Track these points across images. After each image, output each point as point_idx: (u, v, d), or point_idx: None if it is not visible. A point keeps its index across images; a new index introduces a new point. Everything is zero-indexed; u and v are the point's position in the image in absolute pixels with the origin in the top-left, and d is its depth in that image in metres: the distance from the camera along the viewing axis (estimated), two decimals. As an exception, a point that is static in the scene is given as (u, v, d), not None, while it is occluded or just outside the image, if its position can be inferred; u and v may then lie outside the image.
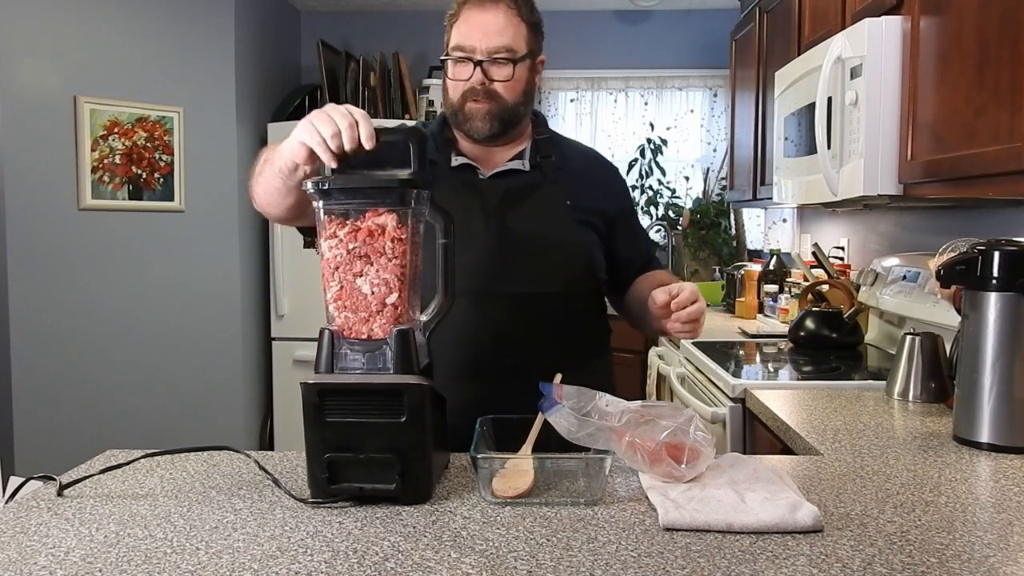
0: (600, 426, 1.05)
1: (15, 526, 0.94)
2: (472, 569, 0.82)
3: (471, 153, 1.47)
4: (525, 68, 1.40)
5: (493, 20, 1.36)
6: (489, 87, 1.37)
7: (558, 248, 1.42)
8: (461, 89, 1.39)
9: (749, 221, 4.29)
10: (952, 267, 1.32)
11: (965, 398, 1.33)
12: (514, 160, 1.46)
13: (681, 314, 1.29)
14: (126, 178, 3.46)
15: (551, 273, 1.41)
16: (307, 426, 1.01)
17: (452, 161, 1.45)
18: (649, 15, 4.49)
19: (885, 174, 1.84)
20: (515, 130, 1.45)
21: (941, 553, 0.86)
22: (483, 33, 1.35)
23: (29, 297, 3.19)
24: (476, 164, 1.46)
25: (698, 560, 0.84)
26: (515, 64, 1.37)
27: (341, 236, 1.00)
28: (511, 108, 1.40)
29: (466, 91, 1.38)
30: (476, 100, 1.38)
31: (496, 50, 1.36)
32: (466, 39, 1.36)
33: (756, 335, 2.69)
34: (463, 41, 1.37)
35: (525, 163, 1.46)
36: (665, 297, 1.29)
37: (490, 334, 1.37)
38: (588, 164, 1.56)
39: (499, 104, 1.38)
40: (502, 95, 1.38)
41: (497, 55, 1.36)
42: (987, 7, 1.49)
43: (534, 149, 1.47)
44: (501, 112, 1.39)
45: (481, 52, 1.36)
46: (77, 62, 3.30)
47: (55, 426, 3.23)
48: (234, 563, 0.83)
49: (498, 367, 1.37)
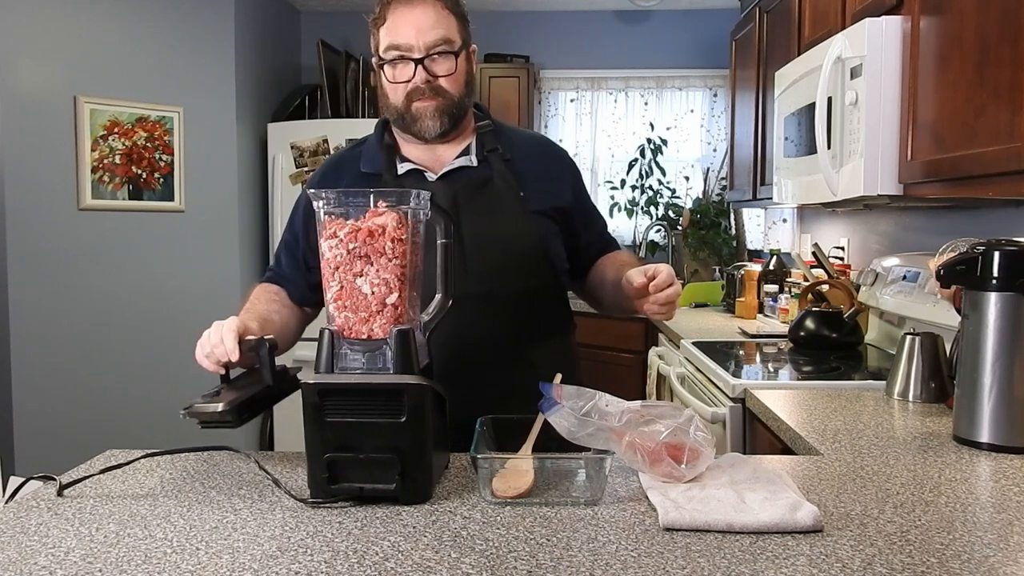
0: (600, 426, 1.05)
1: (15, 526, 0.94)
2: (472, 569, 0.82)
3: (416, 157, 1.44)
4: (464, 59, 1.38)
5: (423, 16, 1.34)
6: (434, 83, 1.35)
7: (515, 244, 1.40)
8: (404, 90, 1.36)
9: (749, 221, 4.29)
10: (952, 267, 1.32)
11: (965, 398, 1.33)
12: (460, 157, 1.43)
13: (659, 296, 1.26)
14: (126, 178, 3.46)
15: (510, 270, 1.39)
16: (307, 426, 1.01)
17: (398, 169, 1.43)
18: (649, 15, 4.49)
19: (885, 174, 1.84)
20: (462, 123, 1.43)
21: (941, 553, 0.86)
22: (417, 30, 1.33)
23: (29, 297, 3.19)
24: (423, 167, 1.43)
25: (698, 560, 0.84)
26: (456, 56, 1.35)
27: (341, 236, 1.00)
28: (458, 101, 1.38)
29: (410, 91, 1.36)
30: (422, 98, 1.36)
31: (435, 44, 1.34)
32: (400, 38, 1.34)
33: (756, 335, 2.69)
34: (397, 40, 1.34)
35: (472, 158, 1.43)
36: (642, 279, 1.26)
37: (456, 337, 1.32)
38: (537, 152, 1.52)
39: (446, 99, 1.36)
40: (447, 89, 1.36)
41: (436, 50, 1.34)
42: (987, 7, 1.49)
43: (479, 143, 1.45)
44: (449, 107, 1.37)
45: (419, 49, 1.33)
46: (77, 62, 3.30)
47: (55, 426, 3.23)
48: (234, 563, 0.83)
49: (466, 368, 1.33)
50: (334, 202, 1.02)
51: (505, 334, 1.40)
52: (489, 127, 1.48)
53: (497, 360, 1.38)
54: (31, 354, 3.20)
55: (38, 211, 3.20)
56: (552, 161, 1.53)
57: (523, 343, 1.41)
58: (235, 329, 1.16)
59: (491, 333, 1.38)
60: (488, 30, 4.30)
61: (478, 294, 1.35)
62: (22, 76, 3.15)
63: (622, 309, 1.43)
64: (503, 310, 1.39)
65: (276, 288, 1.48)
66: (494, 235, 1.38)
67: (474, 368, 1.34)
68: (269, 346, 1.14)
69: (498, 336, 1.39)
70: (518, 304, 1.41)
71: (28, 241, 3.17)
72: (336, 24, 4.49)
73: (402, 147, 1.46)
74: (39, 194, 3.21)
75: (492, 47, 4.36)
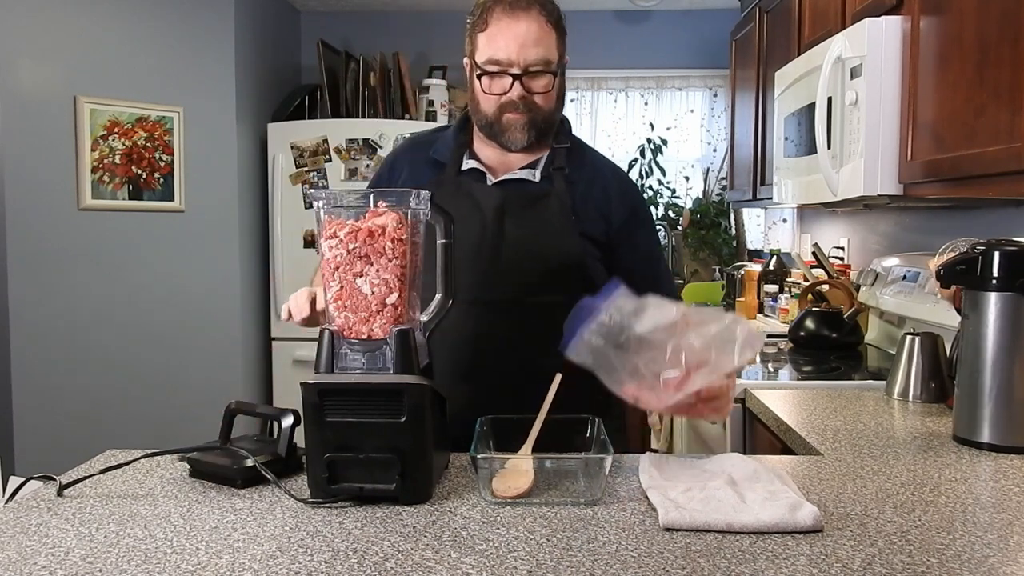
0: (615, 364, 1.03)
1: (15, 526, 0.94)
2: (472, 569, 0.82)
3: (485, 157, 1.44)
4: (561, 76, 1.39)
5: (527, 31, 1.32)
6: (528, 99, 1.35)
7: (555, 257, 1.38)
8: (497, 102, 1.36)
9: (749, 221, 4.29)
10: (952, 267, 1.32)
11: (965, 398, 1.33)
12: (525, 169, 1.43)
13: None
14: (126, 178, 3.45)
15: (544, 282, 1.39)
16: (307, 426, 1.01)
17: (463, 164, 1.43)
18: (649, 15, 4.49)
19: (885, 174, 1.84)
20: (547, 139, 1.43)
21: (941, 553, 0.86)
22: (519, 45, 1.32)
23: (29, 297, 3.19)
24: (487, 169, 1.43)
25: (698, 560, 0.84)
26: (554, 75, 1.35)
27: (341, 236, 1.00)
28: (548, 116, 1.38)
29: (504, 103, 1.35)
30: (515, 112, 1.35)
31: (534, 63, 1.33)
32: (501, 52, 1.32)
33: (756, 335, 2.68)
34: (498, 54, 1.33)
35: (536, 173, 1.42)
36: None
37: (478, 339, 1.35)
38: (603, 177, 1.49)
39: (538, 114, 1.36)
40: (540, 105, 1.36)
41: (536, 67, 1.33)
42: (987, 7, 1.49)
43: (549, 160, 1.44)
44: (538, 122, 1.37)
45: (518, 65, 1.32)
46: (77, 62, 3.30)
47: (55, 426, 3.23)
48: (234, 563, 0.83)
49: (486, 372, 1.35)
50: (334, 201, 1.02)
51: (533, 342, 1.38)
52: (565, 144, 1.47)
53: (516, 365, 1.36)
54: (31, 354, 3.20)
55: (38, 211, 3.20)
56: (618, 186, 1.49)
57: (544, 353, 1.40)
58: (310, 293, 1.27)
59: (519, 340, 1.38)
60: (488, 30, 4.28)
61: (511, 300, 1.36)
62: (22, 76, 3.15)
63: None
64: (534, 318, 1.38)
65: None
66: (535, 245, 1.38)
67: (492, 370, 1.35)
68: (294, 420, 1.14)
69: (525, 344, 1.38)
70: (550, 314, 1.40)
71: (28, 241, 3.17)
72: (336, 24, 4.49)
73: (476, 145, 1.46)
74: (39, 194, 3.21)
75: (492, 47, 4.35)
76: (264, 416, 1.18)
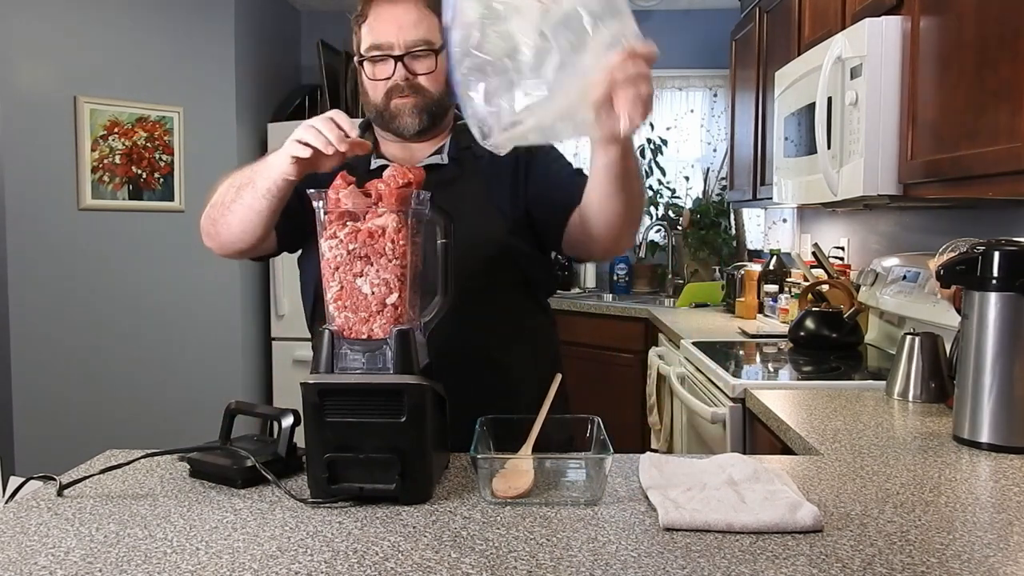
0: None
1: (15, 526, 0.94)
2: (472, 569, 0.82)
3: (392, 154, 1.44)
4: (444, 58, 1.35)
5: (406, 14, 1.34)
6: (413, 81, 1.35)
7: (476, 241, 1.35)
8: (384, 88, 1.36)
9: (749, 221, 4.29)
10: (952, 267, 1.32)
11: (965, 398, 1.33)
12: (433, 156, 1.42)
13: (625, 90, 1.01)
14: (126, 178, 3.46)
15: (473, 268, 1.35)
16: (307, 426, 1.01)
17: (371, 164, 1.42)
18: (649, 15, 4.49)
19: (885, 174, 1.84)
20: (442, 122, 1.42)
21: (941, 553, 0.86)
22: (398, 27, 1.33)
23: (29, 297, 3.19)
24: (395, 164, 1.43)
25: (698, 560, 0.84)
26: (436, 55, 1.35)
27: (341, 237, 1.00)
28: (437, 100, 1.37)
29: (390, 88, 1.36)
30: (402, 96, 1.35)
31: (415, 43, 1.33)
32: (381, 36, 1.34)
33: (756, 335, 2.69)
34: (379, 39, 1.34)
35: (444, 156, 1.42)
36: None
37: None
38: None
39: (425, 97, 1.36)
40: (427, 88, 1.36)
41: (416, 48, 1.33)
42: (987, 7, 1.49)
43: (454, 141, 1.44)
44: (428, 105, 1.36)
45: (399, 47, 1.33)
46: (77, 62, 3.30)
47: (55, 426, 3.23)
48: (234, 563, 0.83)
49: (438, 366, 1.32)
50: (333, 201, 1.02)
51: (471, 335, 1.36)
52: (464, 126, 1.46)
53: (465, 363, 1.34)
54: (31, 354, 3.20)
55: (38, 211, 3.20)
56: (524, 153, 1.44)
57: (491, 344, 1.39)
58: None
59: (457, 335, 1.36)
60: (488, 30, 4.28)
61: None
62: (22, 76, 3.15)
63: (608, 193, 1.21)
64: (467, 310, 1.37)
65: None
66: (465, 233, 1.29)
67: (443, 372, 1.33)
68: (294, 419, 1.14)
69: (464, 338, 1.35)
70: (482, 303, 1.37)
71: (28, 241, 3.17)
72: (336, 24, 4.49)
73: (381, 145, 1.45)
74: (39, 194, 3.21)
75: (492, 47, 4.35)
76: (264, 416, 1.18)
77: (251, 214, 1.23)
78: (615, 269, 4.43)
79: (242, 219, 1.25)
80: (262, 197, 1.20)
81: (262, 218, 1.23)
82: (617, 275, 4.43)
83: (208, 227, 1.32)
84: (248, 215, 1.23)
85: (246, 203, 1.22)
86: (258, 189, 1.20)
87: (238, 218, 1.25)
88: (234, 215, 1.25)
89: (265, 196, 1.20)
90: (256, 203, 1.21)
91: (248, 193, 1.22)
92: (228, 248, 1.33)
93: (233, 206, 1.25)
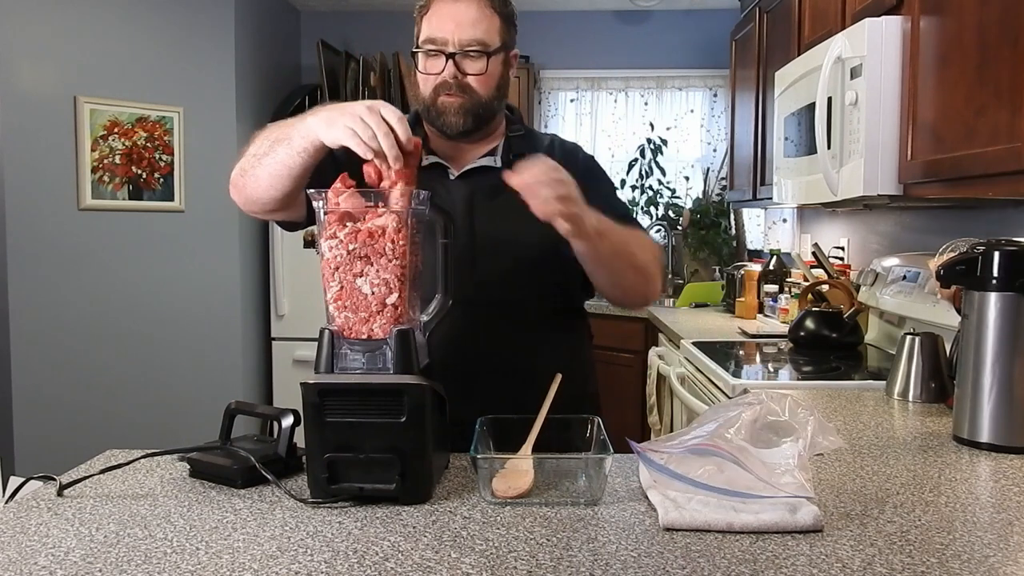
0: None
1: (15, 526, 0.94)
2: (472, 569, 0.82)
3: (442, 151, 1.43)
4: (499, 62, 1.37)
5: (466, 12, 1.33)
6: (462, 81, 1.34)
7: (528, 250, 1.37)
8: (433, 83, 1.35)
9: (749, 221, 4.29)
10: (952, 267, 1.32)
11: (965, 398, 1.33)
12: (485, 157, 1.42)
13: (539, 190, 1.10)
14: (126, 178, 3.46)
15: (521, 275, 1.38)
16: (307, 426, 1.01)
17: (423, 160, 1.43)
18: (649, 15, 4.49)
19: (885, 174, 1.84)
20: (488, 126, 1.41)
21: (941, 553, 0.86)
22: (455, 25, 1.32)
23: (29, 297, 3.19)
24: (447, 163, 1.42)
25: (698, 560, 0.84)
26: (488, 57, 1.34)
27: (341, 237, 1.00)
28: (484, 103, 1.36)
29: (438, 85, 1.35)
30: (449, 94, 1.34)
31: (469, 43, 1.32)
32: (437, 31, 1.33)
33: (756, 335, 2.69)
34: (434, 33, 1.33)
35: (497, 159, 1.42)
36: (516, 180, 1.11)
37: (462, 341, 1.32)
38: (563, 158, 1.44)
39: (472, 98, 1.35)
40: (475, 89, 1.35)
41: (470, 48, 1.33)
42: (987, 7, 1.49)
43: (507, 146, 1.43)
44: (474, 107, 1.35)
45: (453, 45, 1.32)
46: (77, 62, 3.30)
47: (55, 426, 3.23)
48: (234, 563, 0.83)
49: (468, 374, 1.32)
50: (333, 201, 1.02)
51: (512, 341, 1.38)
52: (520, 131, 1.46)
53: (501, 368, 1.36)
54: (31, 354, 3.20)
55: (38, 211, 3.20)
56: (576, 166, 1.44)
57: (530, 352, 1.39)
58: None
59: (497, 339, 1.37)
60: (488, 30, 4.28)
61: (486, 298, 1.34)
62: (22, 76, 3.15)
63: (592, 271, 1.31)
64: (511, 316, 1.38)
65: None
66: (507, 238, 1.36)
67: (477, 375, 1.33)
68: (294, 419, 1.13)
69: (504, 343, 1.37)
70: (527, 311, 1.39)
71: (28, 241, 3.17)
72: (336, 24, 4.49)
73: (432, 140, 1.44)
74: (39, 194, 3.21)
75: (492, 47, 4.36)
76: (264, 416, 1.18)
77: (282, 169, 1.20)
78: (615, 269, 4.42)
79: (271, 173, 1.22)
80: (297, 154, 1.17)
81: (292, 175, 1.20)
82: (617, 275, 4.42)
83: (237, 178, 1.30)
84: (280, 170, 1.21)
85: (279, 158, 1.20)
86: (294, 146, 1.17)
87: (267, 172, 1.23)
88: (264, 168, 1.23)
89: (300, 154, 1.17)
90: (289, 159, 1.19)
91: (283, 148, 1.19)
92: (253, 202, 1.30)
93: (265, 160, 1.23)
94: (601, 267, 1.30)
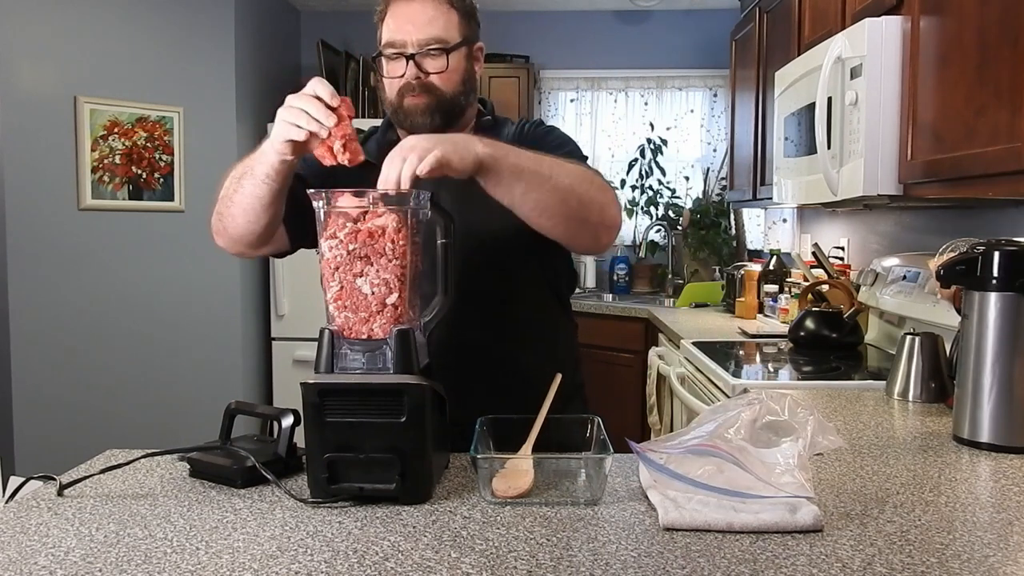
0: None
1: (15, 526, 0.94)
2: (472, 569, 0.82)
3: None
4: (461, 57, 1.36)
5: (421, 11, 1.32)
6: (425, 80, 1.33)
7: (497, 241, 1.35)
8: (397, 86, 1.35)
9: (749, 221, 4.29)
10: (952, 267, 1.32)
11: (965, 398, 1.33)
12: None
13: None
14: (126, 178, 3.46)
15: (493, 268, 1.37)
16: (307, 426, 1.01)
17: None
18: (649, 15, 4.49)
19: (885, 174, 1.84)
20: (459, 122, 1.40)
21: (941, 553, 0.86)
22: (412, 25, 1.32)
23: (29, 297, 3.19)
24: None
25: (698, 560, 0.84)
26: (448, 54, 1.33)
27: (341, 237, 1.00)
28: (450, 99, 1.35)
29: (402, 87, 1.34)
30: (413, 95, 1.34)
31: (427, 42, 1.32)
32: (396, 34, 1.33)
33: (756, 335, 2.69)
34: (393, 36, 1.33)
35: None
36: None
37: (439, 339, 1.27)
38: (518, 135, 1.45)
39: (437, 97, 1.34)
40: (439, 87, 1.34)
41: (429, 47, 1.32)
42: (987, 7, 1.49)
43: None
44: (440, 105, 1.35)
45: (412, 45, 1.32)
46: (77, 62, 3.30)
47: (55, 426, 3.23)
48: (234, 563, 0.83)
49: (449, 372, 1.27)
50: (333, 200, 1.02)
51: (490, 335, 1.37)
52: (489, 123, 1.45)
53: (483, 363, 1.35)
54: (31, 354, 3.20)
55: (38, 211, 3.20)
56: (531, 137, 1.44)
57: (510, 345, 1.39)
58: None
59: (474, 335, 1.36)
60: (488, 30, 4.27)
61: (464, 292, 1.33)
62: (22, 76, 3.15)
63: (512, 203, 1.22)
64: (486, 310, 1.36)
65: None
66: (475, 232, 1.32)
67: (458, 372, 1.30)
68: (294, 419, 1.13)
69: (482, 338, 1.36)
70: (502, 303, 1.38)
71: (28, 241, 3.17)
72: (336, 24, 4.49)
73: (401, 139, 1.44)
74: (39, 194, 3.21)
75: (492, 47, 4.34)
76: (264, 416, 1.18)
77: (253, 202, 1.21)
78: (615, 269, 4.43)
79: (245, 209, 1.22)
80: (262, 183, 1.18)
81: (264, 205, 1.21)
82: (617, 275, 4.43)
83: (216, 223, 1.30)
84: (251, 203, 1.21)
85: (247, 192, 1.20)
86: (257, 175, 1.18)
87: (241, 208, 1.23)
88: (237, 206, 1.23)
89: (265, 181, 1.17)
90: (257, 189, 1.19)
91: (248, 181, 1.20)
92: (237, 242, 1.30)
93: (235, 196, 1.23)
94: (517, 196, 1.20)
